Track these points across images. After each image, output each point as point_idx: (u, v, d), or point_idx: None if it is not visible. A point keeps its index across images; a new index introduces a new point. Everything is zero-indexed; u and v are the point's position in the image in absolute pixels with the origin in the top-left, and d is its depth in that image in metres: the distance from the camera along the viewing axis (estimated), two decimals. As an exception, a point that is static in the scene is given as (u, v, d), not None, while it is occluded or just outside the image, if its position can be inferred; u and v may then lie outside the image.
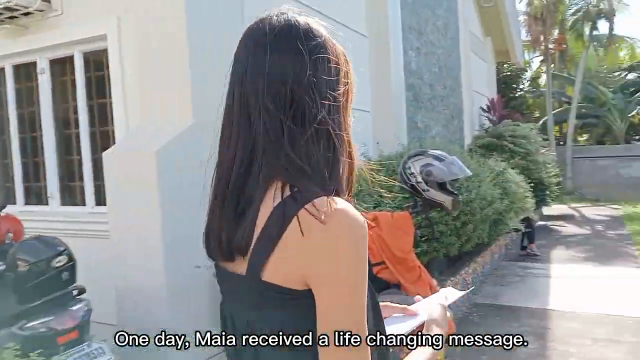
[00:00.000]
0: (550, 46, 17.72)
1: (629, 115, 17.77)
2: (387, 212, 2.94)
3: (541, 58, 19.35)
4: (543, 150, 9.92)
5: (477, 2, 10.98)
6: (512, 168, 8.81)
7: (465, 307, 5.11)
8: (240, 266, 0.85)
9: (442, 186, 2.82)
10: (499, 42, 12.52)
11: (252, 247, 0.82)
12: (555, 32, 18.95)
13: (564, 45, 18.35)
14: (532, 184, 7.73)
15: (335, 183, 0.86)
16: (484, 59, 11.93)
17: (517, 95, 17.88)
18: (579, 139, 20.90)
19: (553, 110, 17.12)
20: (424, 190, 2.78)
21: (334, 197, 0.81)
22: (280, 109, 0.83)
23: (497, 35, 12.23)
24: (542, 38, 16.31)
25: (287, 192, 0.81)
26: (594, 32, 16.70)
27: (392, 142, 5.61)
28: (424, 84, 7.42)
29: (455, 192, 2.96)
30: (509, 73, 17.59)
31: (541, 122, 17.35)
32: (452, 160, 2.85)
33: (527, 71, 19.67)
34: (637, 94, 16.93)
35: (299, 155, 0.83)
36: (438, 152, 2.91)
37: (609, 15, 15.36)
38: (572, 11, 16.96)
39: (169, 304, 3.06)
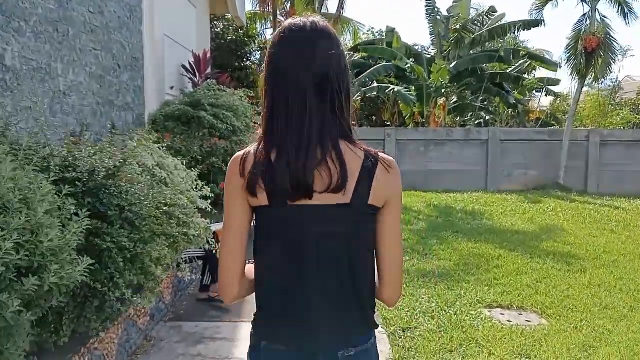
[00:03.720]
0: (282, 18, 16.17)
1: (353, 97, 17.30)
2: None
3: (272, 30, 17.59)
4: (259, 130, 7.38)
5: None
6: (209, 151, 5.96)
7: None
8: (330, 199, 1.23)
9: None
10: (216, -13, 9.64)
11: (354, 184, 1.24)
12: (288, 6, 17.66)
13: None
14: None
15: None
16: (194, 2, 8.87)
17: (243, 65, 15.43)
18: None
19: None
20: None
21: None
22: (343, 88, 1.27)
23: (212, -25, 9.30)
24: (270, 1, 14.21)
25: (355, 146, 1.28)
26: (324, 11, 15.47)
27: None
28: (30, -16, 3.85)
29: None
30: (237, 38, 15.01)
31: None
32: None
33: (256, 39, 17.49)
34: (361, 75, 16.27)
35: (348, 119, 1.28)
36: None
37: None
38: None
39: None
